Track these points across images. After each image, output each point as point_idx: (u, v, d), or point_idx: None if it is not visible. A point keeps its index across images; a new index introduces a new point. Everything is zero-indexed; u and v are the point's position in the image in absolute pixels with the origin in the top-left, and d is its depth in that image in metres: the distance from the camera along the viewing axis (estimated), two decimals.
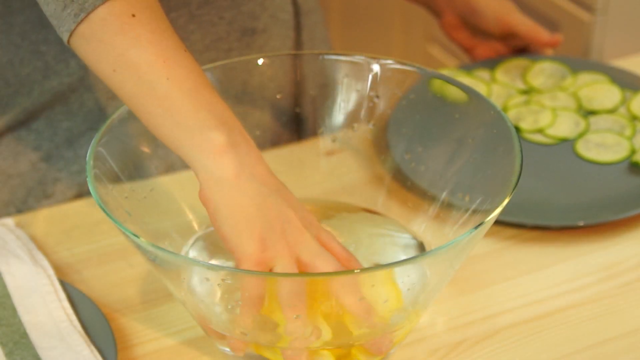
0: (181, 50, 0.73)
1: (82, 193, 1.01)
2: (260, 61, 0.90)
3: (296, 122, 1.04)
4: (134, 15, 0.70)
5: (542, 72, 1.15)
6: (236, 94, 0.92)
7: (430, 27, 1.89)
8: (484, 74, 1.16)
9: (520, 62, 1.17)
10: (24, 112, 0.97)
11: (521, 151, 0.78)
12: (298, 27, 1.07)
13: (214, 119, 0.71)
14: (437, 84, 0.88)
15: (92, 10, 0.70)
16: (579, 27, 1.53)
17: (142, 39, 0.70)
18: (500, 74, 1.15)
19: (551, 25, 1.59)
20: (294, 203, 0.74)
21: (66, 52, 0.95)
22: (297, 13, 1.06)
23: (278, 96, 0.97)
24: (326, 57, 0.92)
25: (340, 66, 0.92)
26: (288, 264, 0.71)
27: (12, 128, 0.99)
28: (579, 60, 1.17)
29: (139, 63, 0.70)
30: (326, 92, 0.94)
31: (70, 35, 0.71)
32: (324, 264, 0.72)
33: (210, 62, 0.92)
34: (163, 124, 0.71)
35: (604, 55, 1.53)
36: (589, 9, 1.51)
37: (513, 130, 0.80)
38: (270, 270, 0.72)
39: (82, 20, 0.70)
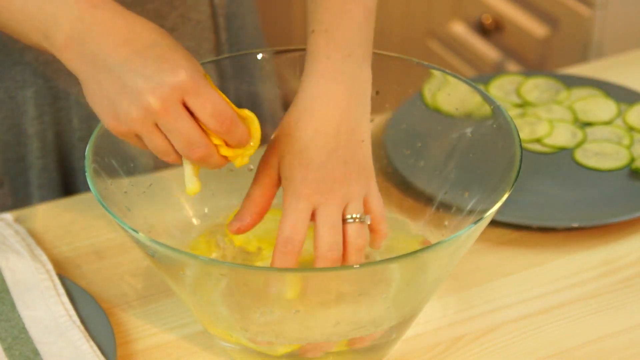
0: None
1: None
2: (260, 56, 0.90)
3: None
4: None
5: (536, 87, 1.14)
6: (235, 88, 0.91)
7: (430, 22, 1.89)
8: None
9: (513, 77, 1.16)
10: None
11: (521, 145, 0.78)
12: (216, 29, 1.06)
13: None
14: (434, 85, 0.88)
15: None
16: (578, 22, 1.53)
17: None
18: (494, 88, 1.14)
19: (551, 20, 1.59)
20: None
21: None
22: (214, 14, 1.05)
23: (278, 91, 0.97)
24: None
25: None
26: None
27: None
28: (573, 77, 1.16)
29: None
30: None
31: None
32: None
33: None
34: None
35: (603, 50, 1.53)
36: (588, 4, 1.51)
37: (513, 125, 0.80)
38: None
39: None
